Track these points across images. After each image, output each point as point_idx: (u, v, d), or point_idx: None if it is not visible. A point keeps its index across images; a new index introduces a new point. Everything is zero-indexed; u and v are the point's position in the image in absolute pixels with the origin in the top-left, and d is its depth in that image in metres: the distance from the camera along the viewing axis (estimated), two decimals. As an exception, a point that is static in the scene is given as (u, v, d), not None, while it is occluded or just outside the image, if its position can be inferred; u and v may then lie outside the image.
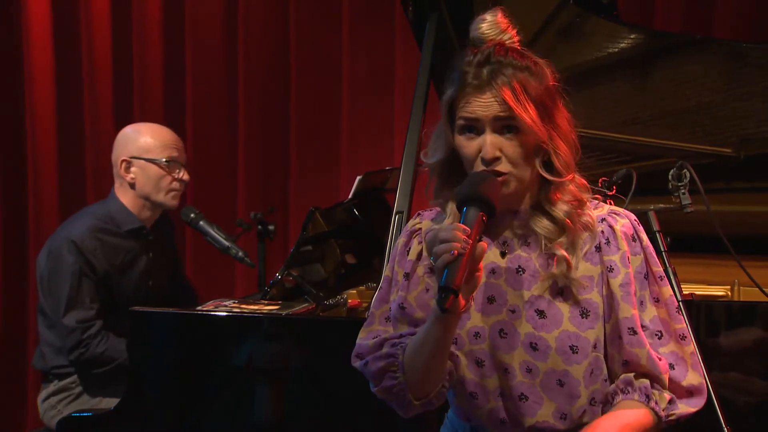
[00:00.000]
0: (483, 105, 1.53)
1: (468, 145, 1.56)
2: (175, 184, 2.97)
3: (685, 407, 1.61)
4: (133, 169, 2.93)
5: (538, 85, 1.56)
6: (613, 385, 1.60)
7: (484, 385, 1.60)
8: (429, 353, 1.55)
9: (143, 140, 2.94)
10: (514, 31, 1.61)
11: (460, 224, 1.45)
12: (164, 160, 2.94)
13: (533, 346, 1.57)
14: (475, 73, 1.55)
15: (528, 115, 1.52)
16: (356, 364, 1.67)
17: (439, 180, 1.65)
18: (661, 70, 2.81)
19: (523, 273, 1.60)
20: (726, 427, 1.97)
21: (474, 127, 1.55)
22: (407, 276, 1.65)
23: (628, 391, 1.58)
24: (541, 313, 1.58)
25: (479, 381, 1.60)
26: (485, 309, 1.60)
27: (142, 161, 2.92)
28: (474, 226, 1.45)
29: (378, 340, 1.64)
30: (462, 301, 1.47)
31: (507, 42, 1.59)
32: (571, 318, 1.57)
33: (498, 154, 1.53)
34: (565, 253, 1.57)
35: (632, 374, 1.59)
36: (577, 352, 1.56)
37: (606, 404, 1.61)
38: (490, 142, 1.53)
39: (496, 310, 1.60)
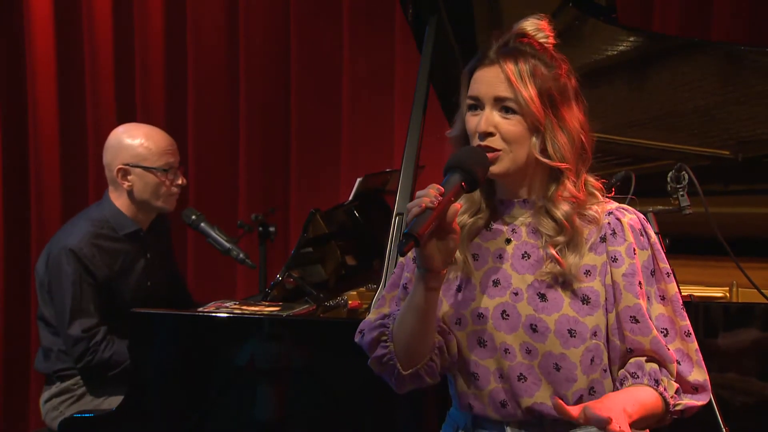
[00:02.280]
0: (486, 83, 1.61)
1: (470, 120, 1.64)
2: (173, 189, 2.95)
3: (691, 400, 1.63)
4: (130, 177, 2.89)
5: (549, 75, 1.61)
6: (623, 370, 1.62)
7: (485, 366, 1.63)
8: (412, 319, 1.59)
9: (139, 147, 2.89)
10: (551, 35, 1.67)
11: (437, 185, 1.52)
12: (162, 168, 2.91)
13: (533, 328, 1.60)
14: (492, 51, 1.63)
15: (527, 92, 1.58)
16: (357, 339, 1.70)
17: None
18: (660, 73, 2.82)
19: (529, 258, 1.64)
20: (724, 426, 1.98)
21: (478, 106, 1.63)
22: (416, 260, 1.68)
23: (638, 376, 1.60)
24: (542, 296, 1.61)
25: (480, 361, 1.63)
26: (490, 291, 1.64)
27: (140, 169, 2.89)
28: (450, 188, 1.52)
29: (379, 315, 1.69)
30: (437, 261, 1.53)
31: (540, 39, 1.65)
32: (571, 303, 1.60)
33: (491, 129, 1.60)
34: (555, 253, 1.60)
35: (643, 358, 1.61)
36: (575, 336, 1.59)
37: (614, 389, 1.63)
38: (485, 117, 1.60)
39: (500, 292, 1.63)
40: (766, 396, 2.33)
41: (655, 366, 1.61)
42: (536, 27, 1.66)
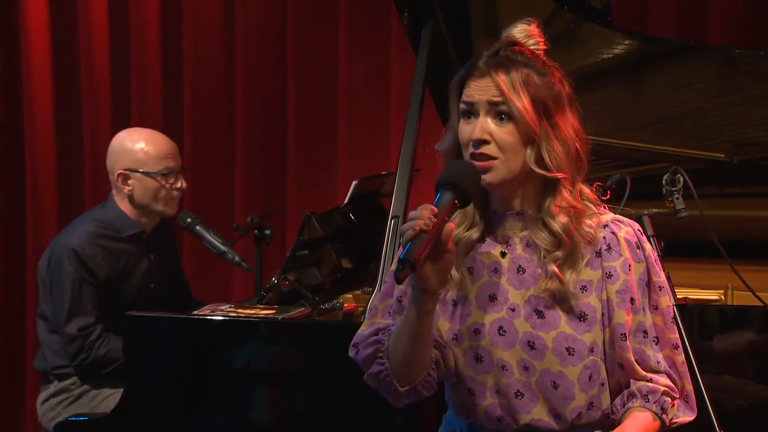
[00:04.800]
0: (480, 89, 1.59)
1: (464, 129, 1.61)
2: (173, 193, 2.98)
3: (683, 416, 1.66)
4: (130, 181, 2.92)
5: (541, 83, 1.59)
6: (636, 388, 1.62)
7: (481, 382, 1.62)
8: (408, 338, 1.57)
9: (139, 152, 2.92)
10: (542, 41, 1.65)
11: (430, 205, 1.49)
12: (161, 172, 2.93)
13: (531, 345, 1.59)
14: (483, 61, 1.61)
15: (521, 102, 1.56)
16: (351, 353, 1.69)
17: None
18: (655, 76, 2.81)
19: (524, 273, 1.63)
20: (720, 429, 1.98)
21: (471, 112, 1.60)
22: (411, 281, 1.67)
23: (648, 400, 1.61)
24: (539, 313, 1.60)
25: (477, 377, 1.62)
26: (486, 306, 1.63)
27: (139, 174, 2.92)
28: (444, 208, 1.50)
29: (373, 329, 1.67)
30: (433, 282, 1.51)
31: (530, 46, 1.63)
32: (568, 320, 1.60)
33: (486, 137, 1.58)
34: (556, 270, 1.59)
35: (660, 386, 1.62)
36: (573, 354, 1.59)
37: (621, 404, 1.64)
38: (480, 124, 1.58)
39: (496, 307, 1.62)
40: (762, 399, 2.33)
41: (666, 397, 1.62)
42: (526, 33, 1.64)
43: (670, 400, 1.63)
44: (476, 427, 1.66)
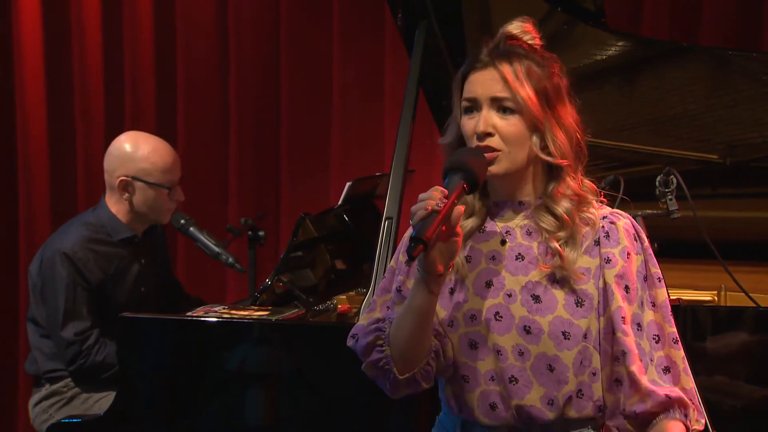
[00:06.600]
0: (482, 84, 1.62)
1: (467, 123, 1.63)
2: (172, 205, 2.96)
3: (699, 423, 1.66)
4: (131, 189, 2.88)
5: (542, 75, 1.62)
6: (658, 404, 1.61)
7: (476, 368, 1.63)
8: (411, 322, 1.59)
9: (146, 161, 2.87)
10: (537, 36, 1.68)
11: (440, 187, 1.52)
12: (165, 185, 2.89)
13: (526, 329, 1.60)
14: (485, 54, 1.64)
15: (525, 92, 1.59)
16: (350, 343, 1.70)
17: None
18: (649, 77, 2.82)
19: (523, 260, 1.64)
20: (713, 430, 1.99)
21: (474, 108, 1.63)
22: (408, 263, 1.68)
23: (672, 412, 1.62)
24: (536, 298, 1.62)
25: (472, 364, 1.63)
26: (483, 293, 1.64)
27: (142, 183, 2.88)
28: (453, 190, 1.52)
29: (372, 319, 1.68)
30: (439, 265, 1.53)
31: (527, 41, 1.66)
32: (565, 305, 1.61)
33: (490, 129, 1.60)
34: (558, 246, 1.61)
35: (682, 396, 1.62)
36: (568, 339, 1.60)
37: (646, 422, 1.63)
38: (483, 117, 1.61)
39: (493, 293, 1.64)
40: (755, 399, 2.33)
41: (684, 399, 1.62)
42: (522, 29, 1.67)
43: (690, 410, 1.64)
44: (469, 423, 1.67)
